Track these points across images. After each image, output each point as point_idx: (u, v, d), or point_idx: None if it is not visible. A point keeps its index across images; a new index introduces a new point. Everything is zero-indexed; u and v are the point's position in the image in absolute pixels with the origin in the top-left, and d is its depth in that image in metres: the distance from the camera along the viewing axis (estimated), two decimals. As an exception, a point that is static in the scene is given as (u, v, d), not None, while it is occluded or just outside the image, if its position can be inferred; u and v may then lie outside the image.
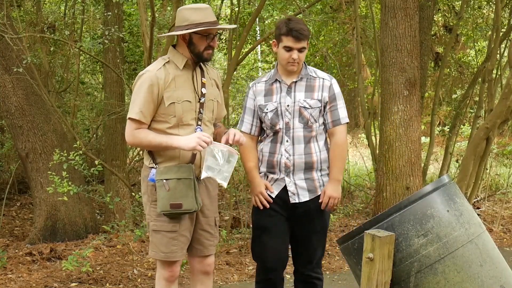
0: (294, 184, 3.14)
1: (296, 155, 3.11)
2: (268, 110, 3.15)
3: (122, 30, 6.63)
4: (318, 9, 8.19)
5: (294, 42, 3.05)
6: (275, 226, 3.20)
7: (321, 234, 3.26)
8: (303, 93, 3.13)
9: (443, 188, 2.59)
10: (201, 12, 2.99)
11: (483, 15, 8.63)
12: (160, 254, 3.04)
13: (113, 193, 6.09)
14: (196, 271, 3.22)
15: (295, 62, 3.09)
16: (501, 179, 8.48)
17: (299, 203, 3.15)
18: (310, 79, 3.17)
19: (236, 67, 6.18)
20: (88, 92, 9.27)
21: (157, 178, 2.95)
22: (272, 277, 3.27)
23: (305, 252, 3.26)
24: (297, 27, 3.05)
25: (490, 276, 2.50)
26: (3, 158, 8.13)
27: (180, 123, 2.99)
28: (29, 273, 4.93)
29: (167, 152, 2.99)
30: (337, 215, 6.36)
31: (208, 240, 3.17)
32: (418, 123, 5.89)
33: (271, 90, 3.18)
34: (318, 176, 3.16)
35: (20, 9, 7.21)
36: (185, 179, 2.94)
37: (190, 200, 2.94)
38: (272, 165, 3.15)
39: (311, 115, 3.11)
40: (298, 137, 3.11)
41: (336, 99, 3.16)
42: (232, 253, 5.52)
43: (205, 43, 2.99)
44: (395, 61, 5.76)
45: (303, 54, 3.11)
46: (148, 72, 2.98)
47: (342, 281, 4.90)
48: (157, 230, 3.03)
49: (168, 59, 3.04)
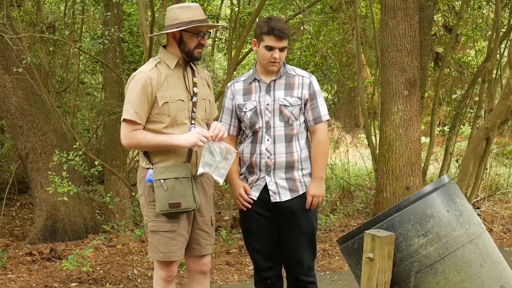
0: (275, 183, 3.11)
1: (277, 154, 3.09)
2: (247, 109, 3.13)
3: (122, 30, 6.62)
4: (318, 9, 8.20)
5: (276, 41, 3.03)
6: (261, 229, 3.19)
7: (309, 235, 3.19)
8: (282, 91, 3.11)
9: (443, 188, 2.59)
10: (191, 10, 3.01)
11: (483, 15, 8.63)
12: (159, 255, 3.04)
13: (113, 193, 6.10)
14: (193, 271, 3.23)
15: (276, 62, 3.07)
16: (501, 179, 8.48)
17: (281, 202, 3.12)
18: (289, 77, 3.15)
19: (236, 67, 6.19)
20: (88, 92, 9.27)
21: (154, 178, 2.95)
22: (268, 276, 3.27)
23: (294, 255, 3.20)
24: (278, 26, 3.03)
25: (490, 276, 2.50)
26: (3, 158, 8.13)
27: (174, 122, 3.00)
28: (29, 273, 4.93)
29: (163, 152, 2.99)
30: (337, 215, 6.36)
31: (205, 240, 3.18)
32: (418, 123, 5.89)
33: (250, 89, 3.17)
34: (300, 175, 3.14)
35: (20, 9, 7.21)
36: (182, 178, 2.94)
37: (189, 199, 2.95)
38: (253, 165, 3.13)
39: (291, 113, 3.09)
40: (279, 136, 3.10)
41: (316, 97, 3.15)
42: (232, 253, 5.53)
43: (196, 41, 3.01)
44: (395, 61, 5.76)
45: (283, 54, 3.09)
46: (141, 73, 2.98)
47: (342, 281, 4.90)
48: (155, 230, 3.03)
49: (159, 60, 3.05)
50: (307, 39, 8.11)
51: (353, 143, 10.64)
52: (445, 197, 2.56)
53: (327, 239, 5.96)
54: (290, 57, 7.95)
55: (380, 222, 2.53)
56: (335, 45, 8.44)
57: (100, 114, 8.02)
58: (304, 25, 7.58)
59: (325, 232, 6.23)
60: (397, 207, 2.54)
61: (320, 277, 4.96)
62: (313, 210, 3.20)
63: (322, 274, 5.09)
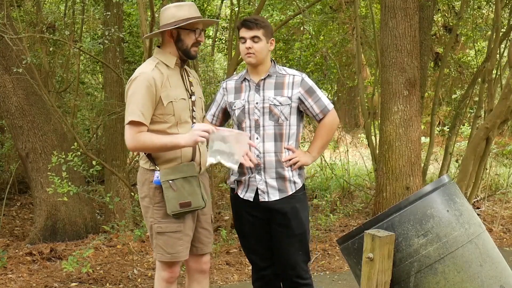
0: (265, 183, 3.11)
1: (266, 153, 3.09)
2: (236, 108, 3.15)
3: (122, 30, 6.63)
4: (318, 9, 8.20)
5: (246, 30, 3.07)
6: (254, 230, 3.20)
7: (301, 238, 3.17)
8: (272, 90, 3.12)
9: (443, 188, 2.59)
10: (187, 8, 3.03)
11: (482, 15, 8.64)
12: (166, 256, 3.04)
13: (113, 193, 6.10)
14: (192, 270, 3.23)
15: (250, 53, 3.07)
16: (501, 179, 8.48)
17: (272, 203, 3.10)
18: (279, 76, 3.15)
19: (236, 67, 6.18)
20: (88, 92, 9.28)
21: (162, 180, 2.94)
22: (266, 274, 3.28)
23: (286, 258, 3.18)
24: (249, 18, 3.09)
25: (490, 276, 2.50)
26: (3, 158, 8.13)
27: (178, 122, 3.00)
28: (29, 273, 4.93)
29: (167, 153, 2.99)
30: (337, 215, 6.36)
31: (207, 238, 3.20)
32: (418, 123, 5.90)
33: (240, 88, 3.19)
34: (290, 175, 3.13)
35: (20, 9, 7.22)
36: (190, 177, 2.96)
37: (198, 197, 2.97)
38: (243, 165, 3.10)
39: (281, 112, 3.09)
40: (269, 134, 3.10)
41: (314, 91, 3.16)
42: (232, 253, 5.53)
43: (193, 38, 3.03)
44: (395, 61, 5.76)
45: (258, 45, 3.07)
46: (144, 73, 2.96)
47: (342, 281, 4.90)
48: (162, 232, 3.02)
49: (157, 60, 3.05)
50: (307, 39, 8.12)
51: (353, 143, 10.64)
52: (445, 197, 2.57)
53: (327, 239, 5.96)
54: (290, 57, 7.95)
55: (380, 222, 2.54)
56: (335, 45, 8.44)
57: (100, 114, 8.03)
58: (304, 25, 7.58)
59: (325, 232, 6.23)
60: (397, 207, 2.55)
61: (320, 277, 4.97)
62: (305, 211, 3.18)
63: (322, 274, 5.10)
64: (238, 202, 3.21)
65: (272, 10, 8.00)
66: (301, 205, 3.17)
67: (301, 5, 6.84)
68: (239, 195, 3.18)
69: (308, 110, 3.17)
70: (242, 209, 3.20)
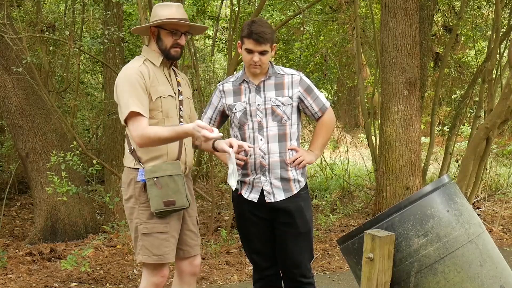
0: (270, 184, 3.11)
1: (271, 153, 3.09)
2: (237, 110, 3.14)
3: (122, 30, 6.63)
4: (318, 9, 8.21)
5: (255, 45, 3.02)
6: (258, 230, 3.19)
7: (306, 236, 3.18)
8: (273, 91, 3.12)
9: (443, 188, 2.59)
10: (171, 8, 3.00)
11: (482, 15, 8.64)
12: (152, 257, 2.96)
13: (113, 193, 6.09)
14: (184, 273, 3.17)
15: (256, 65, 3.06)
16: (501, 179, 8.48)
17: (277, 203, 3.11)
18: (278, 77, 3.15)
19: (236, 67, 6.18)
20: (88, 92, 9.27)
21: (147, 177, 2.90)
22: (267, 274, 3.28)
23: (290, 257, 3.19)
24: (258, 30, 3.00)
25: (490, 276, 2.50)
26: (3, 158, 8.13)
27: (166, 118, 2.97)
28: (29, 273, 4.93)
29: (153, 150, 2.94)
30: (337, 215, 6.36)
31: (193, 240, 3.15)
32: (418, 123, 5.90)
33: (240, 90, 3.17)
34: (294, 175, 3.14)
35: (20, 9, 7.21)
36: (175, 176, 2.92)
37: (183, 196, 2.92)
38: (247, 166, 3.11)
39: (284, 113, 3.10)
40: (273, 135, 3.10)
41: (312, 89, 3.19)
42: (232, 253, 5.53)
43: (172, 39, 3.00)
44: (395, 61, 5.76)
45: (265, 57, 3.06)
46: (131, 68, 2.95)
47: (342, 281, 4.90)
48: (148, 232, 2.95)
49: (144, 57, 3.04)
50: (307, 39, 8.12)
51: (353, 143, 10.64)
52: (445, 197, 2.57)
53: (327, 239, 5.96)
54: (290, 57, 7.96)
55: (380, 222, 2.53)
56: (335, 45, 8.44)
57: (100, 114, 8.03)
58: (304, 25, 7.58)
59: (325, 232, 6.23)
60: (397, 207, 2.54)
61: (320, 277, 4.96)
62: (309, 210, 3.20)
63: (322, 274, 5.10)
64: (241, 203, 3.20)
65: (272, 10, 8.00)
66: (306, 203, 3.19)
67: (301, 5, 6.85)
68: (243, 196, 3.17)
69: (307, 108, 3.18)
70: (246, 210, 3.19)
